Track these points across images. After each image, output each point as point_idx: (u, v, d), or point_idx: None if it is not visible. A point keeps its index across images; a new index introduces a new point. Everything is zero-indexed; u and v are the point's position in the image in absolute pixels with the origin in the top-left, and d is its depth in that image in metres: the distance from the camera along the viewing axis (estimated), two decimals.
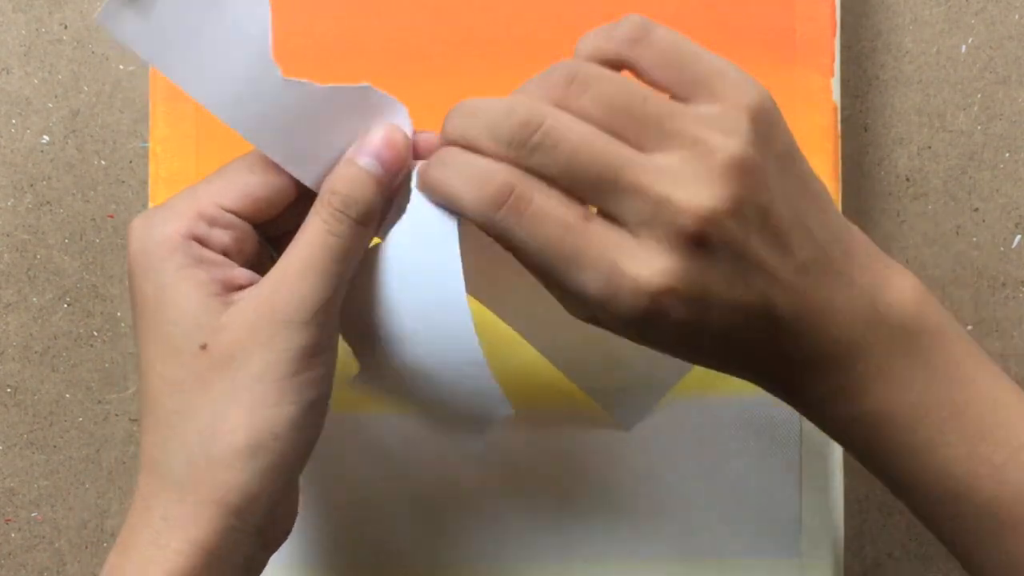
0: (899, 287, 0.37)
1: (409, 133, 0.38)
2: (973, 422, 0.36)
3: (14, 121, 0.50)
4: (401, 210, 0.38)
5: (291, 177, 0.38)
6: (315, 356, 0.37)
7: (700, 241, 0.33)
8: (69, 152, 0.50)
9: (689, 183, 0.33)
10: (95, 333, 0.50)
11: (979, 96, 0.51)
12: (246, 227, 0.38)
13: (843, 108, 0.50)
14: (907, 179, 0.51)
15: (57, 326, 0.50)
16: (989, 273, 0.51)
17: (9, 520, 0.50)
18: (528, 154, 0.34)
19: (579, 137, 0.33)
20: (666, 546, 0.48)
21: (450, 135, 0.36)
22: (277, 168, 0.38)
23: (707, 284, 0.33)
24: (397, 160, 0.37)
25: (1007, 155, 0.51)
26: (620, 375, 0.45)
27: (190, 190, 0.38)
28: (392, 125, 0.38)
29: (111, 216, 0.50)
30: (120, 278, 0.50)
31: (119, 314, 0.50)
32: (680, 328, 0.34)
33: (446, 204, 0.36)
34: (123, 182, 0.50)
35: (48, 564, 0.51)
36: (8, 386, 0.50)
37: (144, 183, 0.50)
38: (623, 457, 0.47)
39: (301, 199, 0.38)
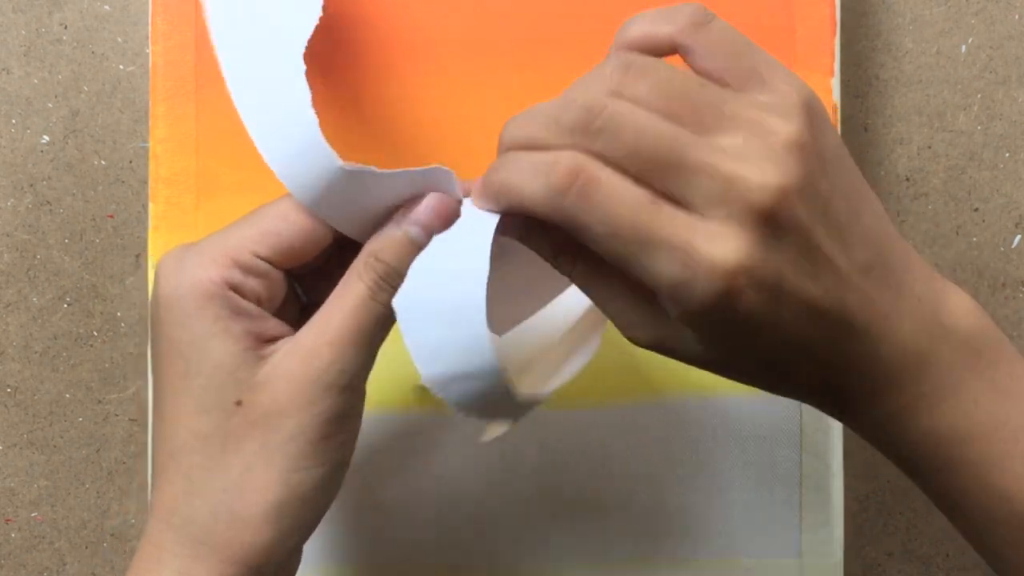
0: (957, 302, 0.36)
1: (458, 195, 0.37)
2: None
3: (14, 121, 0.50)
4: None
5: (326, 225, 0.37)
6: (348, 419, 0.37)
7: (771, 219, 0.32)
8: (69, 152, 0.50)
9: (756, 161, 0.32)
10: (95, 333, 0.50)
11: (979, 96, 0.51)
12: (279, 275, 0.37)
13: (843, 108, 0.50)
14: (907, 179, 0.51)
15: (57, 326, 0.50)
16: (989, 273, 0.51)
17: (9, 520, 0.50)
18: (592, 138, 0.33)
19: (643, 119, 0.33)
20: (666, 546, 0.48)
21: (510, 138, 0.35)
22: (312, 216, 0.37)
23: (779, 269, 0.33)
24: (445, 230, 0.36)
25: (1007, 155, 0.51)
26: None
27: (222, 235, 0.37)
28: (441, 195, 0.37)
29: (111, 216, 0.50)
30: (120, 278, 0.50)
31: (119, 314, 0.50)
32: (753, 321, 0.33)
33: (510, 207, 0.34)
34: (123, 182, 0.50)
35: (48, 564, 0.51)
36: (8, 386, 0.50)
37: (144, 183, 0.50)
38: (623, 457, 0.47)
39: (334, 243, 0.38)
